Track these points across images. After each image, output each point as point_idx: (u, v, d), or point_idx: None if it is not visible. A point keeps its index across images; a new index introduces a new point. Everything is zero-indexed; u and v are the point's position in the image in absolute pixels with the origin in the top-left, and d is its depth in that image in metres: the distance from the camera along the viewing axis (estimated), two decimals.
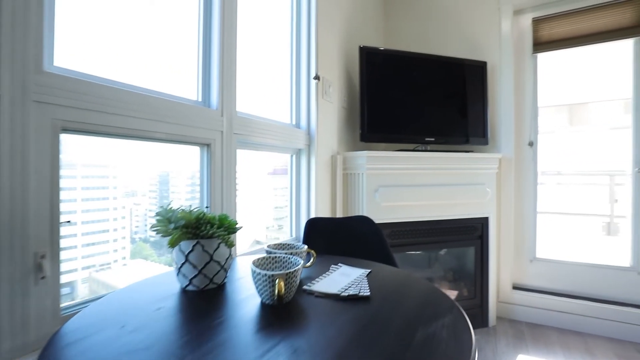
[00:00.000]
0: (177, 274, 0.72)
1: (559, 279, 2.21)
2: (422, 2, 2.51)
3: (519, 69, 2.28)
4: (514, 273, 2.30)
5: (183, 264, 0.70)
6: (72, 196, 0.94)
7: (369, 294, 0.68)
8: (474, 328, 2.11)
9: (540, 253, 2.28)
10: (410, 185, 1.89)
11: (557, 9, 2.18)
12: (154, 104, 0.96)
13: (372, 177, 1.81)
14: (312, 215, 1.64)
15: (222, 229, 0.72)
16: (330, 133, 1.80)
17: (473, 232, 2.06)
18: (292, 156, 1.65)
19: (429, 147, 2.08)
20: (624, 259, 2.08)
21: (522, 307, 2.21)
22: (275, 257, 0.72)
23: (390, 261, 1.12)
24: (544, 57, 2.28)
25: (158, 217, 0.70)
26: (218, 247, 0.72)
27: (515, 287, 2.27)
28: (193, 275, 0.70)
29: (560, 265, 2.21)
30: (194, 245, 0.69)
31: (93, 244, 1.02)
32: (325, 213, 1.75)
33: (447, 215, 1.98)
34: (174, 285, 0.74)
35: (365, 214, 1.78)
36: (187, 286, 0.71)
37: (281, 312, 0.61)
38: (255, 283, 0.64)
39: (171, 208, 0.72)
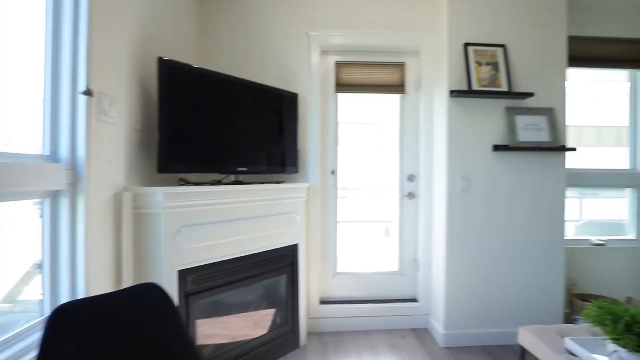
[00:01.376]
0: None
1: (353, 288, 2.60)
2: (241, 27, 2.40)
3: (325, 104, 2.53)
4: (321, 289, 2.54)
5: None
6: None
7: None
8: (287, 352, 2.18)
9: (340, 268, 2.62)
10: (220, 222, 1.73)
11: (351, 58, 2.54)
12: None
13: (173, 217, 1.53)
14: (81, 287, 1.20)
15: None
16: (112, 164, 1.40)
17: (284, 260, 2.12)
18: (42, 204, 1.16)
19: (241, 177, 1.99)
20: (395, 265, 2.66)
21: (328, 319, 2.46)
22: None
23: (189, 351, 0.91)
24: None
25: None
26: None
27: (322, 302, 2.51)
28: None
29: (354, 276, 2.61)
30: None
31: None
32: (105, 275, 1.34)
33: (260, 247, 1.94)
34: None
35: (164, 262, 1.49)
36: None
37: None
38: None
39: None
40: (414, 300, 2.58)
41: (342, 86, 2.54)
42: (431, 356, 2.14)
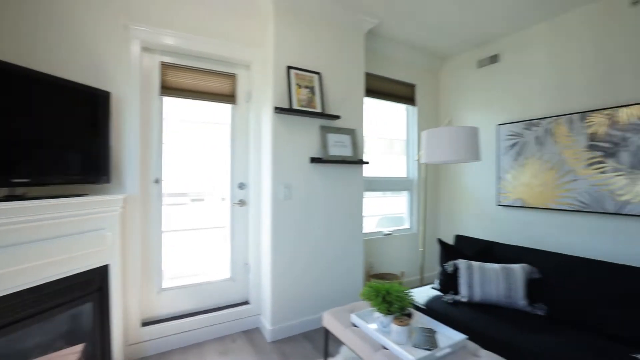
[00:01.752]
0: None
1: (183, 302, 2.48)
2: (33, 10, 1.90)
3: (147, 106, 2.32)
4: (143, 310, 2.31)
5: None
6: None
7: None
8: None
9: (167, 283, 2.45)
10: None
11: (180, 61, 2.43)
12: None
13: None
14: None
15: None
16: None
17: (90, 286, 1.82)
18: None
19: (21, 190, 1.59)
20: (227, 272, 2.70)
21: (153, 341, 2.26)
22: None
23: None
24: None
25: None
26: None
27: (145, 324, 2.29)
28: None
29: (184, 289, 2.50)
30: None
31: None
32: None
33: (51, 276, 1.60)
34: None
35: None
36: None
37: None
38: None
39: None
40: (246, 303, 2.70)
41: (169, 89, 2.39)
42: (258, 353, 2.30)
